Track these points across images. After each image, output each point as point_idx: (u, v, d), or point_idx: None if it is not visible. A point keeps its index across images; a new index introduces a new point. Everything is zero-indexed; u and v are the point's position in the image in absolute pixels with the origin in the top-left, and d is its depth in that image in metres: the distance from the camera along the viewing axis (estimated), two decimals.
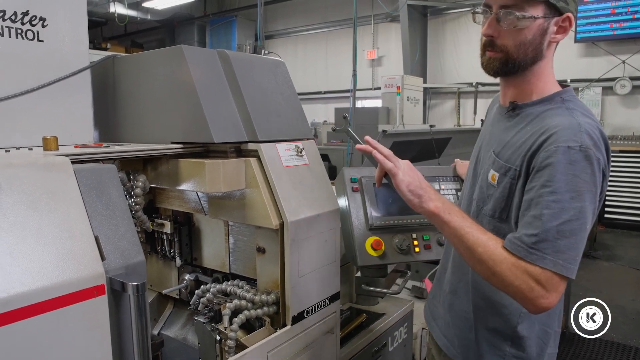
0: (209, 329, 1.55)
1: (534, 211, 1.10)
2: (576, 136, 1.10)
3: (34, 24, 1.48)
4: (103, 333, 1.00)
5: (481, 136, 1.47)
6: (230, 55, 1.60)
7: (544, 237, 1.07)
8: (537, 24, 1.18)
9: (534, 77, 1.25)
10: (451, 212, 1.21)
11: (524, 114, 1.26)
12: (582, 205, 1.08)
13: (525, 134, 1.21)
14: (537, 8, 1.17)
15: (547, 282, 1.07)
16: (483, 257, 1.13)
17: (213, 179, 1.45)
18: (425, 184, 1.28)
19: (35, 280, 0.90)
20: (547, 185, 1.09)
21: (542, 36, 1.20)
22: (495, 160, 1.27)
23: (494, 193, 1.26)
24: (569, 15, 1.19)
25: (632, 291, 4.96)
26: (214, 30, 11.85)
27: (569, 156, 1.08)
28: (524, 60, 1.22)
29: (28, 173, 0.98)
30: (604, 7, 7.79)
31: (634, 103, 7.96)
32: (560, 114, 1.17)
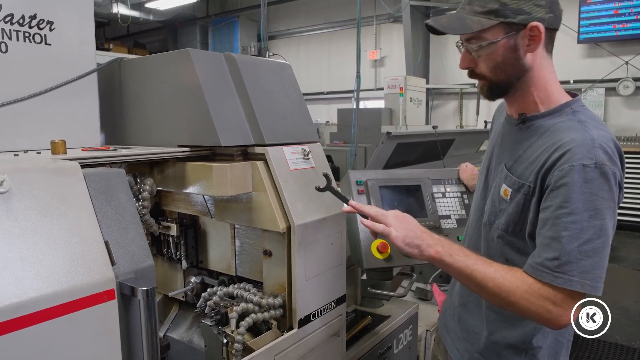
0: (215, 332, 1.55)
1: (552, 232, 1.09)
2: (590, 153, 1.08)
3: (42, 27, 1.48)
4: (113, 337, 1.01)
5: (490, 146, 1.45)
6: (237, 58, 1.60)
7: (567, 260, 1.06)
8: (501, 45, 1.18)
9: (531, 87, 1.23)
10: (452, 254, 1.20)
11: (535, 127, 1.23)
12: (602, 223, 1.07)
13: (537, 149, 1.19)
14: (495, 31, 1.17)
15: (566, 302, 1.08)
16: (495, 290, 1.14)
17: (220, 183, 1.45)
18: (419, 230, 1.25)
19: (47, 286, 0.90)
20: (564, 206, 1.07)
21: (514, 52, 1.19)
22: (508, 175, 1.25)
23: (507, 208, 1.24)
24: (534, 24, 1.15)
25: (636, 293, 4.95)
26: (216, 31, 11.86)
27: (584, 175, 1.06)
28: (507, 80, 1.22)
29: (38, 178, 0.98)
30: (607, 8, 7.78)
31: (637, 104, 7.94)
32: (573, 128, 1.14)
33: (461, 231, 1.90)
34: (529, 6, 1.15)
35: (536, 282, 1.10)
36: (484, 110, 9.24)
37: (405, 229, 1.25)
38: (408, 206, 1.89)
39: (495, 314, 1.33)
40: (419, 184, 1.94)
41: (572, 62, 8.30)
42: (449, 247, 1.22)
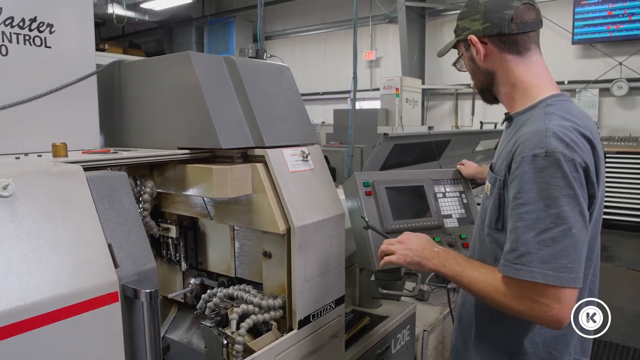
0: (216, 333, 1.56)
1: (510, 224, 1.13)
2: (542, 142, 1.10)
3: (42, 30, 1.48)
4: (116, 339, 1.01)
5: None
6: (236, 61, 1.61)
7: (525, 250, 1.08)
8: (465, 58, 1.40)
9: (506, 88, 1.33)
10: (445, 264, 1.27)
11: (515, 123, 1.30)
12: (558, 211, 1.07)
13: (509, 145, 1.24)
14: (460, 47, 1.41)
15: (543, 295, 1.07)
16: (481, 293, 1.20)
17: (220, 185, 1.46)
18: (421, 247, 1.34)
19: (51, 289, 0.91)
20: (518, 197, 1.11)
21: (473, 62, 1.37)
22: (489, 172, 1.34)
23: (489, 204, 1.30)
24: (469, 38, 1.33)
25: (630, 292, 4.99)
26: (212, 32, 11.85)
27: (535, 164, 1.09)
28: (482, 85, 1.39)
29: (42, 181, 0.99)
30: (601, 9, 7.83)
31: (631, 104, 8.00)
32: (535, 120, 1.18)
33: (463, 230, 1.93)
34: (467, 22, 1.34)
35: (507, 281, 1.13)
36: (479, 110, 9.29)
37: (407, 250, 1.35)
38: (414, 207, 1.91)
39: (485, 312, 1.36)
40: (422, 185, 1.96)
41: (566, 63, 8.35)
42: (444, 257, 1.29)
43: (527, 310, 1.11)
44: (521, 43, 1.27)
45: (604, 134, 7.88)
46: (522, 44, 1.27)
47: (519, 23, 1.25)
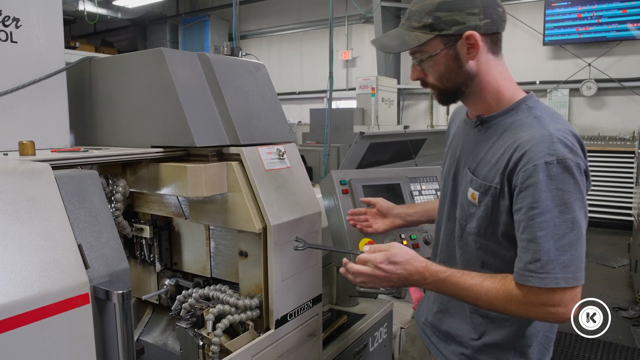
0: (191, 334, 1.53)
1: (528, 234, 1.11)
2: (550, 149, 1.09)
3: (7, 24, 1.43)
4: (87, 343, 0.98)
5: (452, 149, 1.43)
6: (211, 58, 1.59)
7: (548, 259, 1.08)
8: (442, 56, 1.21)
9: (482, 91, 1.25)
10: (429, 285, 1.24)
11: (494, 127, 1.25)
12: (572, 216, 1.09)
13: (498, 149, 1.21)
14: (434, 44, 1.21)
15: (562, 300, 1.10)
16: (491, 307, 1.18)
17: (195, 184, 1.44)
18: (402, 271, 1.23)
19: (18, 291, 0.88)
20: (535, 206, 1.09)
21: (456, 62, 1.22)
22: (473, 179, 1.26)
23: (477, 212, 1.25)
24: (469, 33, 1.17)
25: (601, 287, 5.13)
26: (186, 30, 11.70)
27: (548, 172, 1.08)
28: (455, 87, 1.25)
29: (7, 180, 0.95)
30: (570, 12, 8.03)
31: (600, 104, 8.22)
32: (530, 125, 1.17)
33: None
34: (462, 16, 1.17)
35: (526, 290, 1.12)
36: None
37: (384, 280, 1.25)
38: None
39: (481, 317, 1.33)
40: (399, 182, 1.98)
41: (538, 64, 8.54)
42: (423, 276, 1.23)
43: (545, 315, 1.13)
44: (499, 44, 1.25)
45: None
46: (500, 44, 1.25)
47: (504, 22, 1.23)
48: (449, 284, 1.21)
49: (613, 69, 7.96)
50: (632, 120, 7.70)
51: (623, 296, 4.85)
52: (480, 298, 1.18)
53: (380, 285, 1.27)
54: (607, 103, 8.18)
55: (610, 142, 7.71)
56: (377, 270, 1.23)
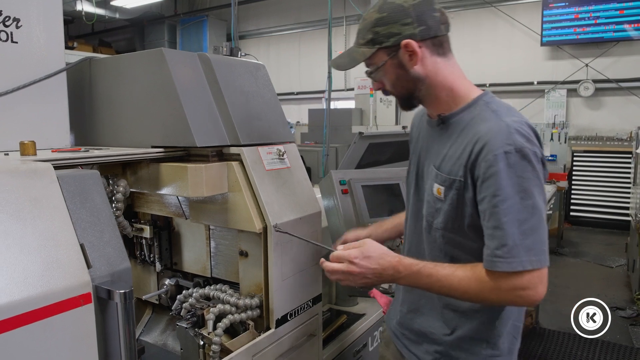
0: (192, 334, 1.53)
1: (493, 222, 1.15)
2: (508, 139, 1.15)
3: (8, 24, 1.43)
4: (90, 342, 0.99)
5: (416, 149, 1.49)
6: (211, 58, 1.59)
7: (513, 244, 1.13)
8: (389, 66, 1.31)
9: (436, 91, 1.32)
10: (404, 279, 1.27)
11: (454, 124, 1.31)
12: (533, 201, 1.14)
13: (460, 144, 1.26)
14: (379, 56, 1.31)
15: (531, 282, 1.14)
16: (464, 296, 1.22)
17: (195, 184, 1.44)
18: (376, 265, 1.27)
19: (20, 290, 0.88)
20: (497, 194, 1.14)
21: (402, 69, 1.30)
22: (438, 174, 1.30)
23: (443, 206, 1.29)
24: (405, 42, 1.26)
25: (598, 286, 5.15)
26: (184, 30, 11.68)
27: (507, 161, 1.14)
28: (408, 92, 1.34)
29: (9, 180, 0.96)
30: (568, 12, 8.05)
31: (597, 105, 8.24)
32: (488, 118, 1.23)
33: None
34: (397, 27, 1.26)
35: (495, 276, 1.16)
36: None
37: (362, 275, 1.28)
38: (390, 204, 1.93)
39: (452, 311, 1.36)
40: (398, 182, 1.99)
41: (535, 64, 8.56)
42: (398, 270, 1.27)
43: (516, 298, 1.16)
44: (446, 45, 1.31)
45: (572, 134, 8.11)
46: (447, 46, 1.32)
47: (445, 25, 1.30)
48: (423, 275, 1.24)
49: (610, 69, 7.98)
50: (630, 121, 7.73)
51: (621, 296, 4.86)
52: (454, 287, 1.21)
53: (356, 282, 1.30)
54: (605, 103, 8.20)
55: (608, 142, 7.75)
56: (352, 266, 1.28)
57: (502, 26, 8.69)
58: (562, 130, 7.72)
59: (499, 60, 8.74)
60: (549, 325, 4.17)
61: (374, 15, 1.29)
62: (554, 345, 3.83)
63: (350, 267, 1.28)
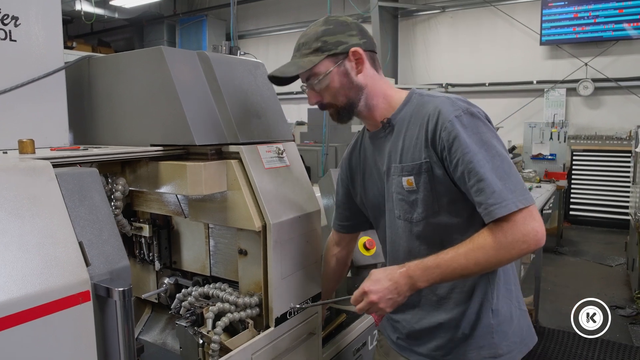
0: (191, 332, 1.53)
1: (475, 177, 1.22)
2: (454, 105, 1.28)
3: (6, 22, 1.43)
4: (88, 340, 0.98)
5: (367, 173, 1.54)
6: (210, 56, 1.59)
7: (498, 189, 1.19)
8: (335, 74, 1.36)
9: (374, 100, 1.41)
10: (420, 280, 1.27)
11: (399, 122, 1.39)
12: (496, 150, 1.24)
13: (412, 133, 1.34)
14: (325, 64, 1.36)
15: (524, 222, 1.18)
16: (477, 268, 1.24)
17: (194, 182, 1.44)
18: (389, 283, 1.28)
19: (19, 288, 0.88)
20: (466, 152, 1.22)
21: (347, 77, 1.37)
22: (403, 167, 1.35)
23: (418, 196, 1.34)
24: (354, 49, 1.35)
25: (597, 285, 5.15)
26: (184, 30, 11.68)
27: (461, 122, 1.25)
28: (349, 101, 1.39)
29: (8, 178, 0.95)
30: (567, 11, 8.06)
31: (596, 104, 8.25)
32: (429, 102, 1.34)
33: None
34: (345, 37, 1.36)
35: (496, 230, 1.20)
36: None
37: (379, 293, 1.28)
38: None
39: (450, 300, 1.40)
40: None
41: (535, 64, 8.56)
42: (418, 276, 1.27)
43: (521, 244, 1.19)
44: (377, 62, 1.43)
45: (571, 133, 8.11)
46: (378, 64, 1.44)
47: (375, 45, 1.44)
48: (432, 268, 1.26)
49: (610, 68, 7.99)
50: (629, 120, 7.73)
51: (620, 295, 4.87)
52: (463, 265, 1.24)
53: (385, 306, 1.29)
54: (604, 102, 8.20)
55: (607, 141, 7.75)
56: (371, 296, 1.29)
57: (502, 25, 8.70)
58: (561, 130, 7.72)
59: (498, 59, 8.75)
60: (548, 324, 4.17)
61: (320, 27, 1.37)
62: (553, 344, 3.83)
63: (369, 297, 1.29)
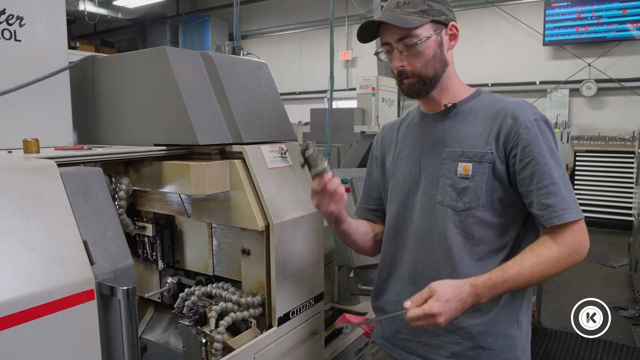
0: (194, 332, 1.54)
1: (548, 180, 1.24)
2: (533, 110, 1.32)
3: (11, 22, 1.44)
4: (92, 339, 0.99)
5: (407, 153, 1.48)
6: (213, 56, 1.59)
7: (567, 196, 1.24)
8: (432, 41, 1.33)
9: (449, 82, 1.40)
10: (485, 298, 1.22)
11: (467, 109, 1.39)
12: (560, 161, 1.29)
13: (481, 123, 1.35)
14: (426, 28, 1.32)
15: (581, 233, 1.24)
16: (540, 279, 1.25)
17: (198, 181, 1.44)
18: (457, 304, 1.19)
19: (24, 287, 0.88)
20: (542, 155, 1.25)
21: (440, 48, 1.35)
22: (464, 152, 1.34)
23: (470, 185, 1.32)
24: (453, 23, 1.37)
25: (600, 286, 5.14)
26: (186, 30, 11.71)
27: (539, 126, 1.28)
28: (436, 73, 1.36)
29: (13, 177, 0.96)
30: (570, 12, 8.05)
31: (599, 104, 8.23)
32: (502, 99, 1.38)
33: None
34: (446, 9, 1.36)
35: (559, 240, 1.23)
36: None
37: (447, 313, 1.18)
38: None
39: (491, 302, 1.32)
40: None
41: (538, 64, 8.55)
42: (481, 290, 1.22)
43: (575, 256, 1.23)
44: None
45: (574, 133, 8.10)
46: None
47: None
48: (499, 284, 1.22)
49: (613, 69, 7.97)
50: (632, 121, 7.71)
51: (623, 295, 4.86)
52: (530, 280, 1.24)
53: (445, 324, 1.19)
54: (607, 103, 8.19)
55: (610, 142, 7.72)
56: (438, 318, 1.17)
57: (504, 26, 8.69)
58: (564, 130, 7.71)
59: (501, 60, 8.74)
60: (551, 325, 4.17)
61: None
62: (556, 345, 3.83)
63: (437, 319, 1.16)
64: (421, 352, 1.43)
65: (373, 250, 1.62)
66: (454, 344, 1.36)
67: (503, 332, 1.34)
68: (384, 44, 1.38)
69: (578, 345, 3.81)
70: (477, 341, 1.34)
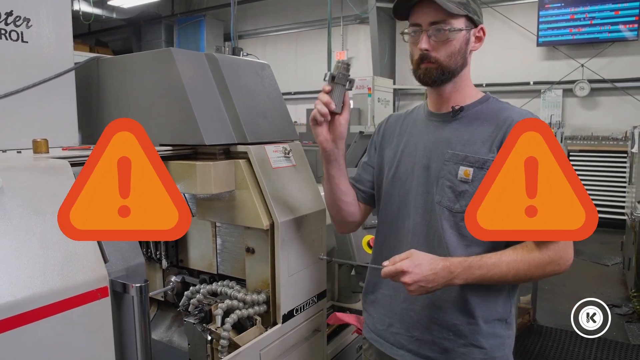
0: (199, 329, 1.56)
1: None
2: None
3: (18, 24, 1.46)
4: (106, 334, 1.01)
5: (408, 149, 1.49)
6: (218, 58, 1.62)
7: None
8: (462, 35, 1.34)
9: (462, 83, 1.41)
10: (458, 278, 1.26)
11: (474, 113, 1.39)
12: None
13: (486, 129, 1.35)
14: (459, 21, 1.33)
15: (567, 245, 1.26)
16: (515, 278, 1.28)
17: (204, 181, 1.46)
18: (429, 271, 1.23)
19: (41, 284, 0.90)
20: None
21: (466, 45, 1.36)
22: (467, 156, 1.34)
23: (469, 189, 1.33)
24: (483, 27, 1.38)
25: (594, 285, 5.20)
26: (182, 30, 11.69)
27: None
28: (455, 68, 1.37)
29: (29, 176, 0.98)
30: (564, 13, 8.12)
31: (592, 105, 8.31)
32: (508, 108, 1.39)
33: None
34: (480, 12, 1.38)
35: (544, 249, 1.25)
36: None
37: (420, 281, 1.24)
38: None
39: (477, 297, 1.36)
40: None
41: (531, 64, 8.62)
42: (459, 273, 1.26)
43: (554, 266, 1.26)
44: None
45: (568, 133, 8.17)
46: None
47: None
48: (474, 269, 1.26)
49: (606, 69, 8.05)
50: (625, 121, 7.79)
51: (616, 293, 4.91)
52: (505, 274, 1.26)
53: (414, 291, 1.24)
54: (600, 103, 8.27)
55: (603, 142, 7.80)
56: (407, 277, 1.22)
57: (498, 27, 8.74)
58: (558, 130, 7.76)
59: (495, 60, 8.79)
60: (546, 323, 4.21)
61: None
62: (551, 342, 3.87)
63: (405, 277, 1.23)
64: (412, 347, 1.43)
65: (349, 224, 1.62)
66: (447, 340, 1.38)
67: (494, 332, 1.38)
68: (413, 25, 1.37)
69: (573, 342, 3.86)
70: (469, 339, 1.37)
